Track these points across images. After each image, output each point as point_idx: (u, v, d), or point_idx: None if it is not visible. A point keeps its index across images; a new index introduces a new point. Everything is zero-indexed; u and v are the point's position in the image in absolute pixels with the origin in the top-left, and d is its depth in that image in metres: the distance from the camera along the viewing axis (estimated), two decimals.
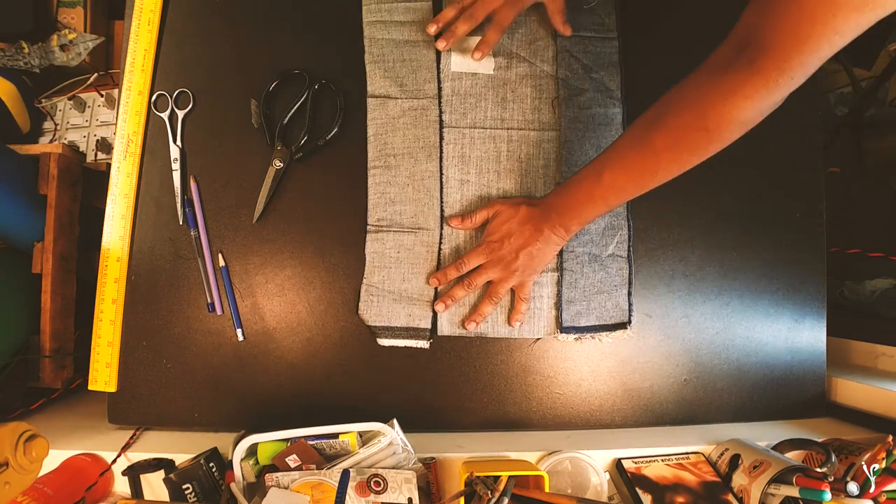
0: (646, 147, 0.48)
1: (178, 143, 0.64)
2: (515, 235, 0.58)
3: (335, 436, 0.53)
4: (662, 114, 0.47)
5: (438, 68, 0.65)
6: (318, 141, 0.63)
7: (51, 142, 0.78)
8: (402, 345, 0.62)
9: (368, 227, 0.63)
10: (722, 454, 0.58)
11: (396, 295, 0.62)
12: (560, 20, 0.63)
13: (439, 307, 0.61)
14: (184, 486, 0.53)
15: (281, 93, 0.64)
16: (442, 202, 0.63)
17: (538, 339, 0.63)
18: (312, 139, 0.64)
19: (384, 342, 0.62)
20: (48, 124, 0.79)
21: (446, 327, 0.62)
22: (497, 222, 0.60)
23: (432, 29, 0.61)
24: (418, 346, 0.62)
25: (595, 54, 0.66)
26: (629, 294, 0.63)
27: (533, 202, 0.59)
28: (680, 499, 0.54)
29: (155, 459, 0.56)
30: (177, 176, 0.63)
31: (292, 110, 0.63)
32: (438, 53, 0.65)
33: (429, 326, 0.62)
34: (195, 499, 0.53)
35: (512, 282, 0.60)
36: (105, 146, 0.75)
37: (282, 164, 0.62)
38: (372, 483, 0.50)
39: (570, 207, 0.55)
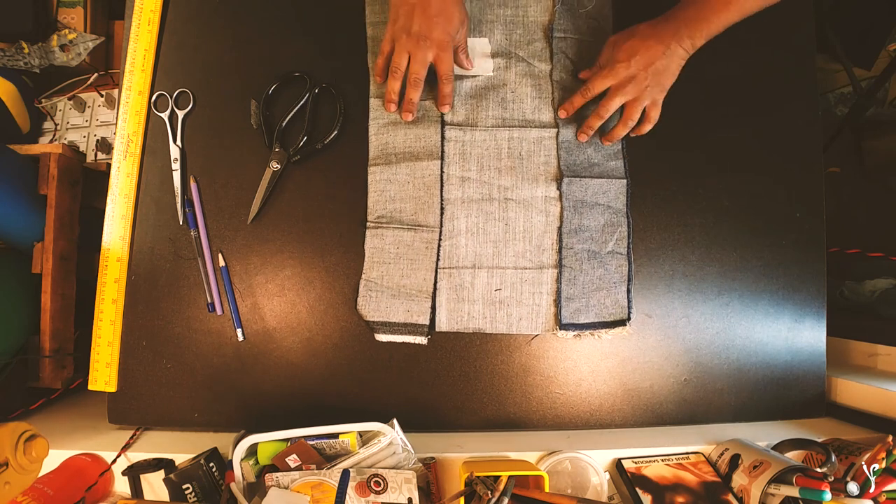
0: None
1: (178, 143, 0.64)
2: (640, 52, 0.56)
3: (335, 436, 0.53)
4: None
5: None
6: (317, 144, 0.63)
7: (51, 142, 0.78)
8: (400, 340, 0.62)
9: (368, 223, 0.63)
10: (722, 454, 0.58)
11: (395, 290, 0.62)
12: (462, 57, 0.62)
13: (582, 137, 0.62)
14: (184, 486, 0.53)
15: (281, 95, 0.64)
16: (442, 199, 0.63)
17: (535, 335, 0.63)
18: (311, 142, 0.64)
19: (382, 338, 0.62)
20: (48, 124, 0.79)
21: (444, 323, 0.62)
22: (617, 45, 0.58)
23: (392, 108, 0.61)
24: (416, 341, 0.62)
25: (590, 58, 0.66)
26: (628, 291, 0.63)
27: (655, 21, 0.57)
28: (680, 499, 0.54)
29: (155, 459, 0.56)
30: (177, 176, 0.63)
31: (291, 113, 0.63)
32: None
33: (427, 322, 0.62)
34: (195, 499, 0.53)
35: (645, 101, 0.59)
36: (105, 146, 0.75)
37: (279, 167, 0.62)
38: (372, 483, 0.50)
39: (703, 16, 0.54)
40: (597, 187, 0.64)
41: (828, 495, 0.46)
